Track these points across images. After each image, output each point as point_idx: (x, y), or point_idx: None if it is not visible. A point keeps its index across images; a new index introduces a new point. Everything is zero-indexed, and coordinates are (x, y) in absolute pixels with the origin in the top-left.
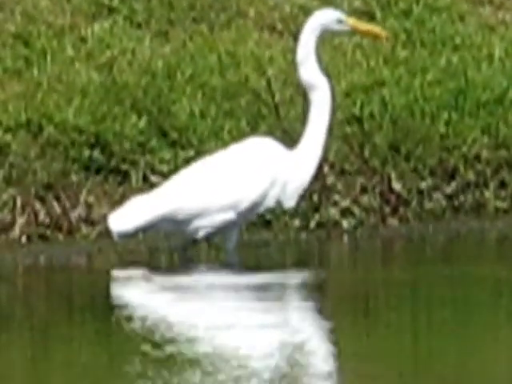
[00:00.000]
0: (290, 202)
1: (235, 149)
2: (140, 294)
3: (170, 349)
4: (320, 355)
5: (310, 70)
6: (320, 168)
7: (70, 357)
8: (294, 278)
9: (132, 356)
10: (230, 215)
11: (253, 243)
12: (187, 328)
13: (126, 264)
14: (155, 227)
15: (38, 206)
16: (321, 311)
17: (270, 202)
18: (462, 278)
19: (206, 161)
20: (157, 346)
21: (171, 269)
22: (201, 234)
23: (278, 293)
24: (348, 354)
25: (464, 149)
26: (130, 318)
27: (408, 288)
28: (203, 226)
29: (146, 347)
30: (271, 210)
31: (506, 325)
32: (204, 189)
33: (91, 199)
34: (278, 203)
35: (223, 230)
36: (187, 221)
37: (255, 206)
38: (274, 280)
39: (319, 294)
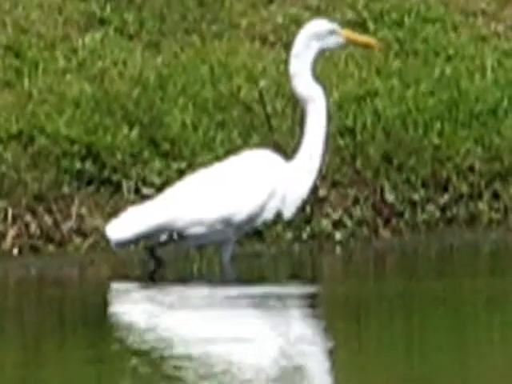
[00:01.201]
0: (289, 213)
1: (234, 160)
2: (134, 307)
3: (164, 362)
4: (314, 366)
5: (304, 82)
6: (316, 180)
7: (61, 370)
8: (287, 290)
9: (125, 370)
10: (227, 226)
11: (245, 255)
12: (182, 341)
13: (118, 276)
14: (153, 236)
15: (29, 217)
16: (314, 324)
17: (269, 214)
18: (456, 290)
19: (205, 172)
20: (152, 359)
21: (164, 281)
22: (197, 244)
23: (271, 305)
24: (342, 365)
25: (457, 160)
26: (123, 331)
27: (401, 301)
28: (200, 236)
29: (140, 361)
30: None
31: (499, 337)
32: (202, 199)
33: (83, 211)
34: (277, 214)
35: (220, 241)
36: (184, 231)
37: (253, 218)
38: (267, 292)
39: (312, 307)
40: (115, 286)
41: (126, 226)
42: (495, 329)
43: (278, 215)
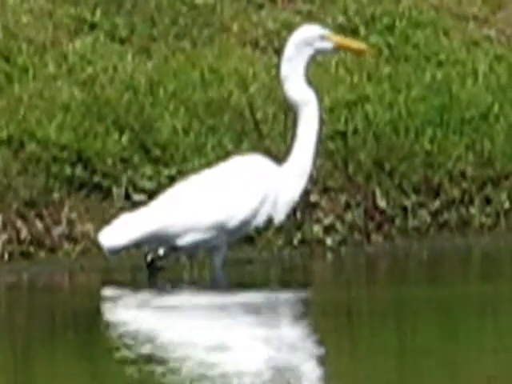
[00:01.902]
0: (280, 218)
1: (226, 166)
2: (125, 313)
3: (156, 368)
4: (306, 373)
5: (295, 86)
6: (307, 185)
7: (52, 377)
8: (278, 296)
9: (117, 377)
10: (220, 232)
11: (236, 260)
12: (175, 348)
13: (109, 282)
14: (146, 243)
15: (19, 223)
16: (305, 330)
17: (261, 219)
18: (447, 296)
19: (197, 177)
20: (144, 366)
21: (155, 287)
22: (190, 250)
23: (263, 311)
24: (333, 371)
25: (449, 165)
26: (115, 337)
27: (393, 306)
28: (193, 242)
29: (132, 367)
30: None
31: (492, 343)
32: (195, 206)
33: (73, 216)
34: (269, 219)
35: (212, 247)
36: (177, 237)
37: (246, 223)
38: (258, 299)
39: (303, 313)
40: (106, 291)
41: (118, 233)
42: (487, 335)
43: (269, 220)
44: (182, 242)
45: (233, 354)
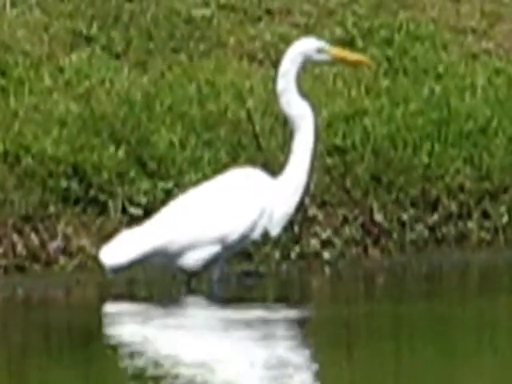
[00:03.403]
0: (275, 231)
1: (222, 179)
2: (122, 327)
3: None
4: None
5: (291, 100)
6: (303, 198)
7: None
8: (275, 312)
9: None
10: (220, 247)
11: (234, 274)
12: (170, 363)
13: (104, 296)
14: (147, 260)
15: (15, 237)
16: (303, 345)
17: (258, 233)
18: (445, 311)
19: (195, 192)
20: (142, 381)
21: (151, 301)
22: (192, 266)
23: (260, 326)
24: None
25: (447, 179)
26: (112, 352)
27: (390, 323)
28: (194, 258)
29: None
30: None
31: (489, 360)
32: (195, 221)
33: (69, 230)
34: (264, 232)
35: (210, 261)
36: (179, 254)
37: (244, 237)
38: (255, 314)
39: (300, 329)
40: (102, 306)
41: (120, 251)
42: (486, 351)
43: (265, 234)
44: (184, 257)
45: (227, 370)
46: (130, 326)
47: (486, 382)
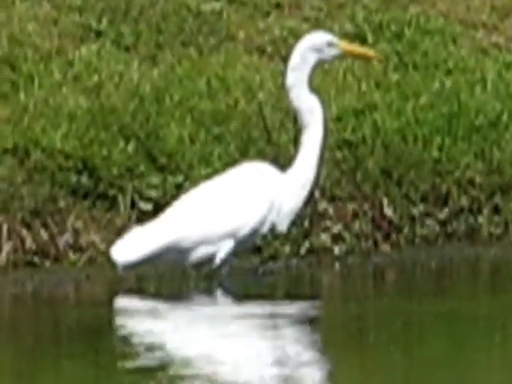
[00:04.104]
0: (283, 226)
1: (232, 174)
2: (132, 323)
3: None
4: None
5: (300, 94)
6: (312, 193)
7: None
8: (285, 307)
9: None
10: (231, 242)
11: (243, 270)
12: (183, 360)
13: (114, 291)
14: (159, 257)
15: (24, 232)
16: (313, 341)
17: (266, 228)
18: (455, 307)
19: (205, 187)
20: (152, 378)
21: (161, 296)
22: (203, 262)
23: (269, 321)
24: None
25: (457, 174)
26: (122, 348)
27: (400, 318)
28: (206, 254)
29: (138, 379)
30: (263, 236)
31: (501, 357)
32: (206, 216)
33: (79, 225)
34: (271, 228)
35: (221, 257)
36: (191, 249)
37: (255, 232)
38: (265, 310)
39: (311, 323)
40: (112, 301)
41: (132, 247)
42: (496, 348)
43: (272, 229)
44: (196, 253)
45: (236, 366)
46: (139, 321)
47: (498, 379)
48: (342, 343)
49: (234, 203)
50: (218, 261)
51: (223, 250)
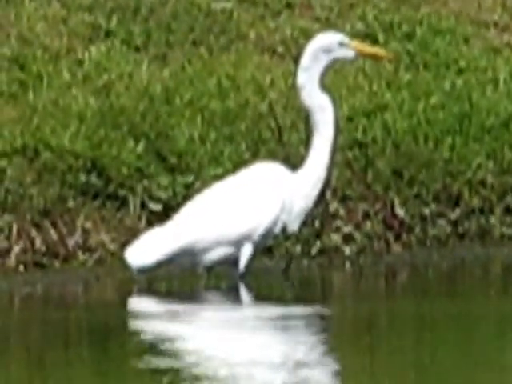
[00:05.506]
0: (294, 226)
1: (245, 174)
2: (142, 323)
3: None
4: None
5: (312, 93)
6: (323, 193)
7: None
8: (296, 308)
9: None
10: (247, 242)
11: (254, 270)
12: (196, 360)
13: (124, 292)
14: (174, 260)
15: (34, 232)
16: (324, 342)
17: (279, 228)
18: (467, 308)
19: (218, 188)
20: (160, 378)
21: (173, 297)
22: (218, 264)
23: (281, 322)
24: None
25: (468, 174)
26: (132, 348)
27: (412, 319)
28: (222, 255)
29: (150, 379)
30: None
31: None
32: (220, 218)
33: (88, 225)
34: (283, 228)
35: (236, 258)
36: (206, 251)
37: (268, 232)
38: (277, 311)
39: (322, 325)
40: (122, 302)
41: (146, 251)
42: (509, 349)
43: (284, 229)
44: (210, 255)
45: (248, 368)
46: (151, 322)
47: (510, 379)
48: (353, 344)
49: (249, 204)
50: (242, 268)
51: (244, 255)
